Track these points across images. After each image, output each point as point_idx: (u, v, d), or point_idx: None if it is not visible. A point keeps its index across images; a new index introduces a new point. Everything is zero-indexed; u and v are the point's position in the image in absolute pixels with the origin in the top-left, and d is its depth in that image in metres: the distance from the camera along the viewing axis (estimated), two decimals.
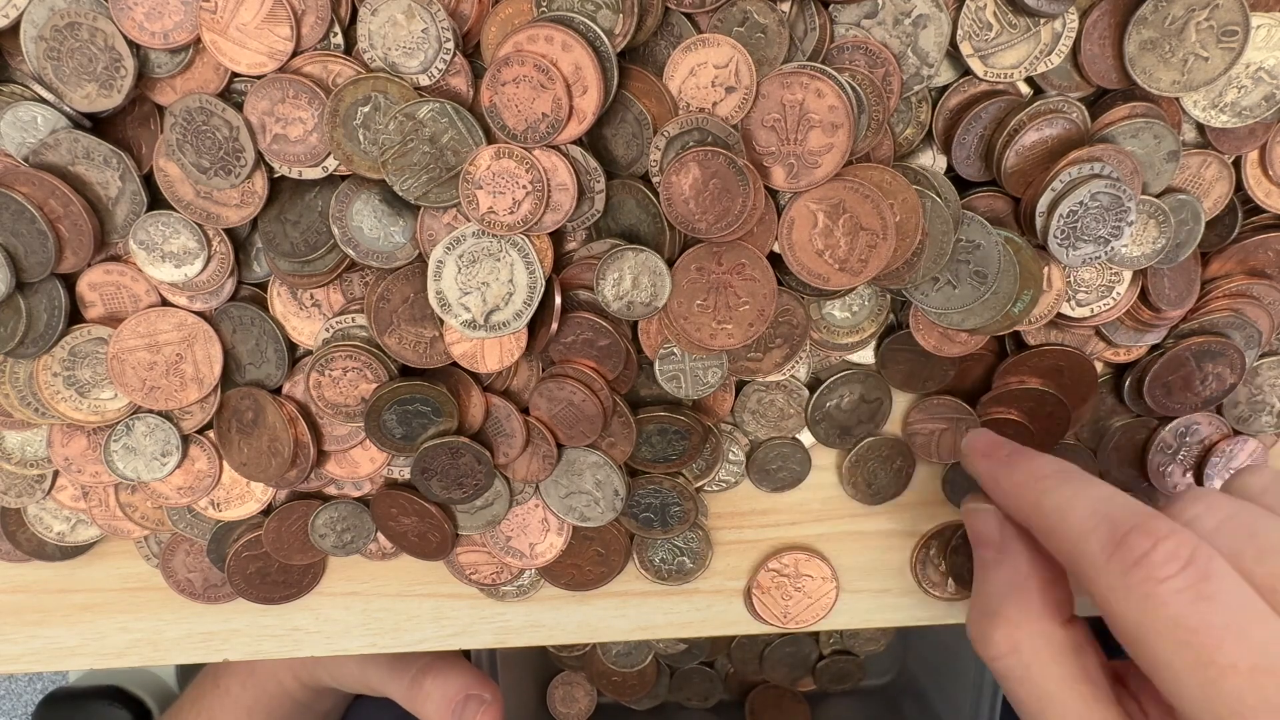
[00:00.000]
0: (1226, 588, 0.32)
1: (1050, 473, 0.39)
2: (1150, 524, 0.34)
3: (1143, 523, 0.34)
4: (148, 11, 0.38)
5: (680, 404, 0.46)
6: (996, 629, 0.39)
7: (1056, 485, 0.38)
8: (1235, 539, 0.34)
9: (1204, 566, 0.32)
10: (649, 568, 0.50)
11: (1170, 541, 0.33)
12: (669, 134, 0.39)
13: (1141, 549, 0.33)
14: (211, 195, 0.41)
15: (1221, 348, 0.44)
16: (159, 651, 0.53)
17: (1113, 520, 0.35)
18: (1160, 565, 0.33)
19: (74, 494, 0.48)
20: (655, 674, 0.86)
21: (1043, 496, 0.38)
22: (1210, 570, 0.32)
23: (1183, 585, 0.32)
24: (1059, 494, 0.38)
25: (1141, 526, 0.34)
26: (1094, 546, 0.35)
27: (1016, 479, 0.40)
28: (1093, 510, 0.36)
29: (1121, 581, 0.34)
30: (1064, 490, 0.38)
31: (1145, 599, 0.33)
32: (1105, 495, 0.36)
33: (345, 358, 0.43)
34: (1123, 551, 0.34)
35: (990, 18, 0.39)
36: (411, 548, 0.49)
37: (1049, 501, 0.38)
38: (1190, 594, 0.32)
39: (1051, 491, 0.38)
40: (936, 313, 0.43)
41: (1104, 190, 0.39)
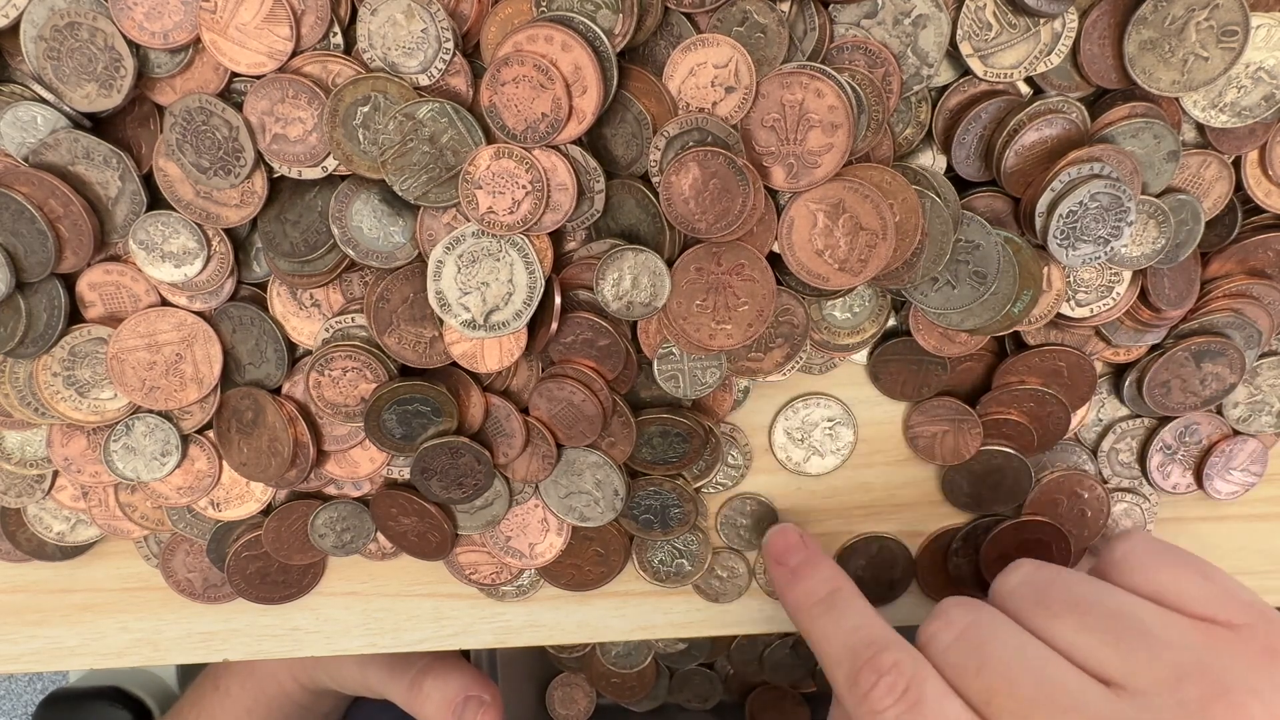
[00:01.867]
0: (932, 711, 0.36)
1: (820, 598, 0.43)
2: (876, 659, 0.38)
3: (872, 658, 0.38)
4: (147, 11, 0.38)
5: (681, 406, 0.46)
6: None
7: (821, 613, 0.43)
8: (962, 654, 0.38)
9: (915, 693, 0.37)
10: (648, 569, 0.50)
11: (890, 675, 0.38)
12: (669, 134, 0.39)
13: (868, 684, 0.38)
14: (211, 195, 0.41)
15: (1221, 348, 0.44)
16: (159, 651, 0.53)
17: (854, 654, 0.39)
18: (880, 699, 0.37)
19: (74, 494, 0.48)
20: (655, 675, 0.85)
21: (811, 624, 0.43)
22: (919, 695, 0.37)
23: (895, 714, 0.37)
24: (822, 623, 0.43)
25: (870, 662, 0.38)
26: (840, 678, 0.40)
27: (793, 598, 0.45)
28: (842, 643, 0.40)
29: (856, 711, 0.38)
30: (826, 620, 0.42)
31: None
32: (854, 626, 0.41)
33: (345, 358, 0.43)
34: (856, 686, 0.38)
35: (990, 17, 0.39)
36: (411, 548, 0.49)
37: (815, 630, 0.43)
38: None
39: (817, 619, 0.43)
40: (936, 313, 0.43)
41: (1104, 190, 0.39)
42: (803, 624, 0.44)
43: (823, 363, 0.46)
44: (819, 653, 0.42)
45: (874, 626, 0.41)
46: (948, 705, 0.36)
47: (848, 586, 0.44)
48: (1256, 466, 0.48)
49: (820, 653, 0.42)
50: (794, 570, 0.46)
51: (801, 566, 0.45)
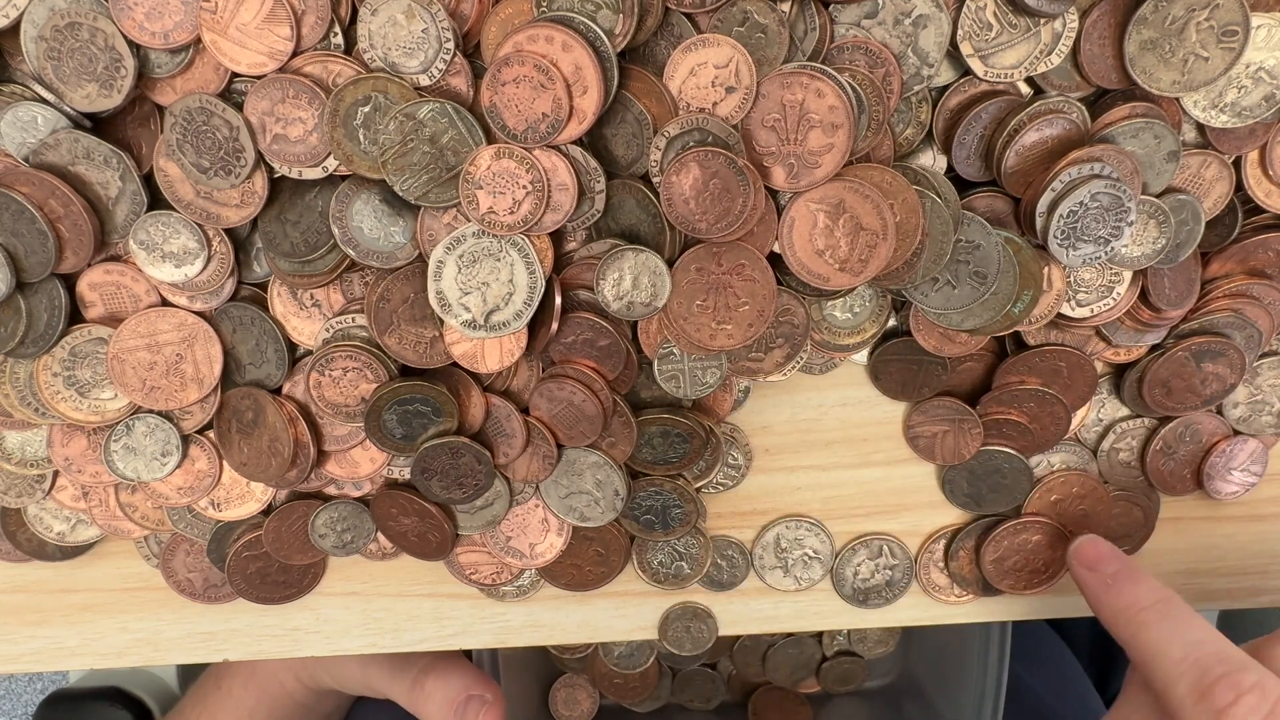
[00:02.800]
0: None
1: (1150, 604, 0.42)
2: (1236, 676, 0.37)
3: (1229, 673, 0.37)
4: (148, 11, 0.38)
5: (681, 406, 0.46)
6: None
7: (1155, 620, 0.41)
8: None
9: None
10: (647, 570, 0.50)
11: (1253, 695, 0.36)
12: (669, 134, 0.39)
13: (1225, 700, 0.36)
14: (211, 195, 0.41)
15: (1221, 348, 0.44)
16: (159, 651, 0.53)
17: (1202, 667, 0.38)
18: (1241, 717, 0.36)
19: (74, 494, 0.48)
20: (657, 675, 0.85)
21: (1140, 630, 0.41)
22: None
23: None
24: (1156, 630, 0.41)
25: (1228, 677, 0.37)
26: (1182, 689, 0.38)
27: (1117, 605, 0.43)
28: (1185, 654, 0.39)
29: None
30: (1161, 628, 0.41)
31: None
32: (1198, 639, 0.40)
33: (345, 358, 0.43)
34: (1209, 700, 0.37)
35: (990, 18, 0.39)
36: (411, 548, 0.49)
37: (1145, 636, 0.41)
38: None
39: (1150, 626, 0.41)
40: (936, 313, 0.43)
41: (1104, 190, 0.39)
42: (1129, 630, 0.42)
43: (823, 363, 0.46)
44: (1147, 661, 0.41)
45: (1223, 642, 0.39)
46: None
47: (1177, 598, 0.42)
48: (1257, 466, 0.48)
49: (1151, 661, 0.40)
50: (1114, 574, 0.44)
51: (1121, 573, 0.44)
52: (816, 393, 0.48)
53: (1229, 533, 0.51)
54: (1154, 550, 0.51)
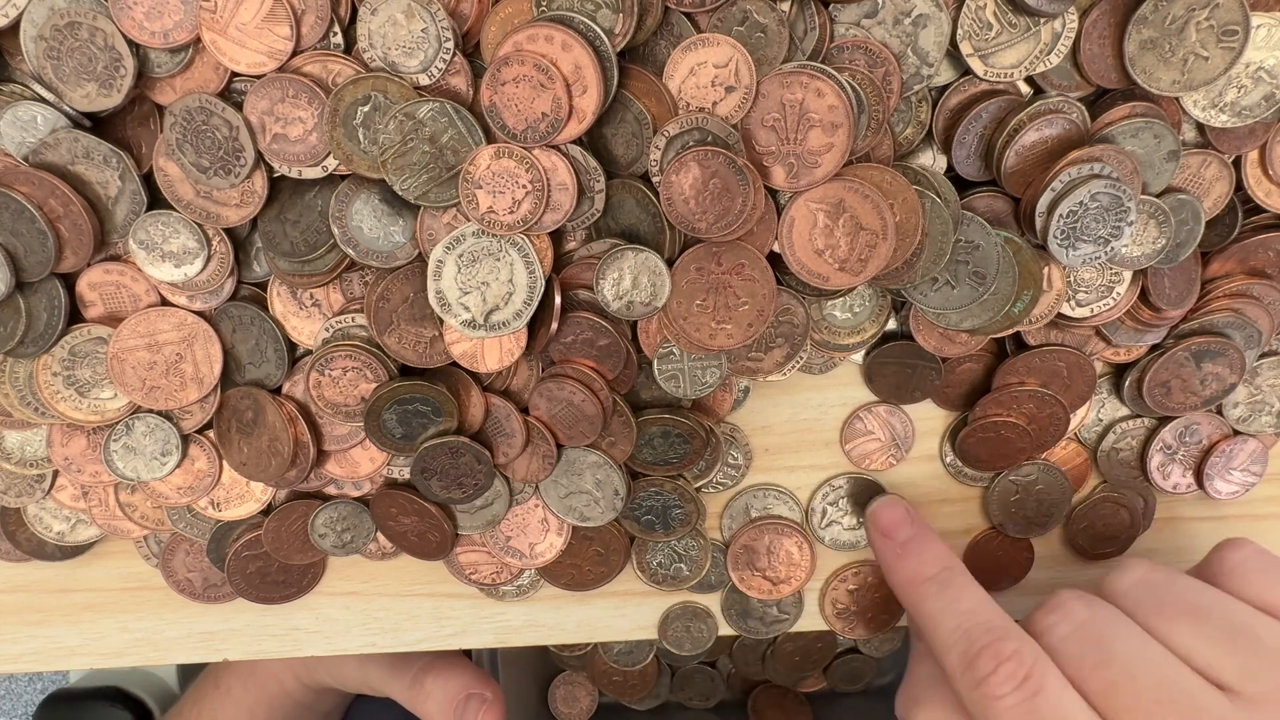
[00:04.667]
0: (1052, 701, 0.37)
1: (931, 575, 0.44)
2: (996, 645, 0.38)
3: (991, 643, 0.39)
4: (147, 11, 0.38)
5: (681, 406, 0.46)
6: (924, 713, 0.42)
7: (934, 593, 0.43)
8: (1081, 646, 0.38)
9: (1035, 682, 0.37)
10: (646, 570, 0.50)
11: (1011, 663, 0.38)
12: (669, 134, 0.39)
13: (986, 669, 0.38)
14: (211, 195, 0.41)
15: (1221, 348, 0.44)
16: (159, 651, 0.53)
17: (970, 637, 0.40)
18: (999, 684, 0.37)
19: (74, 494, 0.48)
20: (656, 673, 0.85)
21: (920, 602, 0.43)
22: (1040, 684, 0.37)
23: (1014, 702, 0.37)
24: (933, 603, 0.43)
25: (990, 648, 0.38)
26: (953, 659, 0.40)
27: (904, 575, 0.45)
28: (956, 625, 0.41)
29: (970, 694, 0.39)
30: (938, 600, 0.42)
31: (986, 710, 0.38)
32: (969, 609, 0.41)
33: (345, 357, 0.43)
34: (972, 670, 0.39)
35: (990, 17, 0.39)
36: (411, 548, 0.49)
37: (925, 608, 0.43)
38: (1021, 709, 0.37)
39: (928, 599, 0.43)
40: (935, 313, 0.43)
41: (1104, 190, 0.39)
42: (911, 601, 0.44)
43: (823, 363, 0.46)
44: (927, 631, 0.42)
45: (990, 611, 0.41)
46: (1067, 697, 0.37)
47: (959, 567, 0.44)
48: (1256, 466, 0.48)
49: (929, 631, 0.42)
50: (903, 545, 0.46)
51: (911, 543, 0.46)
52: (816, 393, 0.48)
53: (1229, 533, 0.51)
54: (1154, 550, 0.51)
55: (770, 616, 0.52)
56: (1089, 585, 0.50)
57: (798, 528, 0.50)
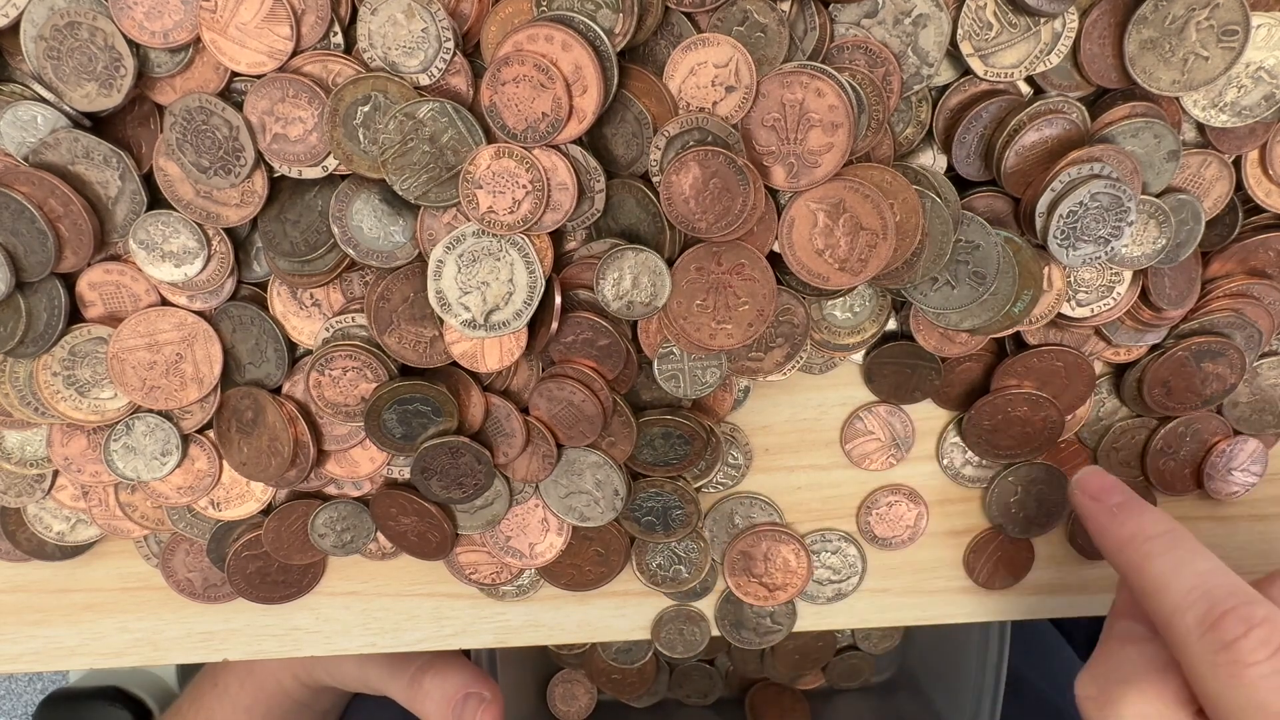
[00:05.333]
0: None
1: (1157, 533, 0.40)
2: (1246, 609, 0.35)
3: (1239, 606, 0.36)
4: (147, 11, 0.38)
5: (682, 406, 0.46)
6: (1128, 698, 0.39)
7: (1163, 550, 0.39)
8: None
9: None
10: (645, 572, 0.50)
11: (1263, 628, 0.35)
12: (669, 133, 0.39)
13: (1235, 633, 0.35)
14: (211, 195, 0.41)
15: (1222, 348, 0.44)
16: (159, 651, 0.53)
17: (1212, 598, 0.36)
18: (1251, 650, 0.35)
19: (74, 494, 0.48)
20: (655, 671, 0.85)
21: (1147, 560, 0.40)
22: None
23: (1269, 671, 0.34)
24: (1164, 560, 0.39)
25: (1237, 611, 0.35)
26: (1189, 620, 0.36)
27: (1123, 534, 0.41)
28: (1194, 584, 0.37)
29: (1211, 658, 0.35)
30: (1169, 557, 0.39)
31: (1232, 679, 0.35)
32: (1207, 569, 0.38)
33: (345, 357, 0.43)
34: (1217, 631, 0.35)
35: (990, 17, 0.39)
36: (411, 547, 0.49)
37: (1152, 567, 0.39)
38: (1276, 679, 0.34)
39: (1157, 556, 0.39)
40: (935, 313, 0.43)
41: (1104, 190, 0.39)
42: (1134, 559, 0.40)
43: (823, 362, 0.46)
44: (1153, 592, 0.39)
45: (1232, 576, 0.38)
46: None
47: (1186, 530, 0.41)
48: (1256, 466, 0.48)
49: (1155, 591, 0.39)
50: (1119, 506, 0.43)
51: (1126, 504, 0.43)
52: (816, 393, 0.48)
53: (1229, 533, 0.51)
54: None
55: (764, 627, 0.52)
56: (1089, 585, 0.50)
57: (796, 536, 0.50)
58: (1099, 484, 0.44)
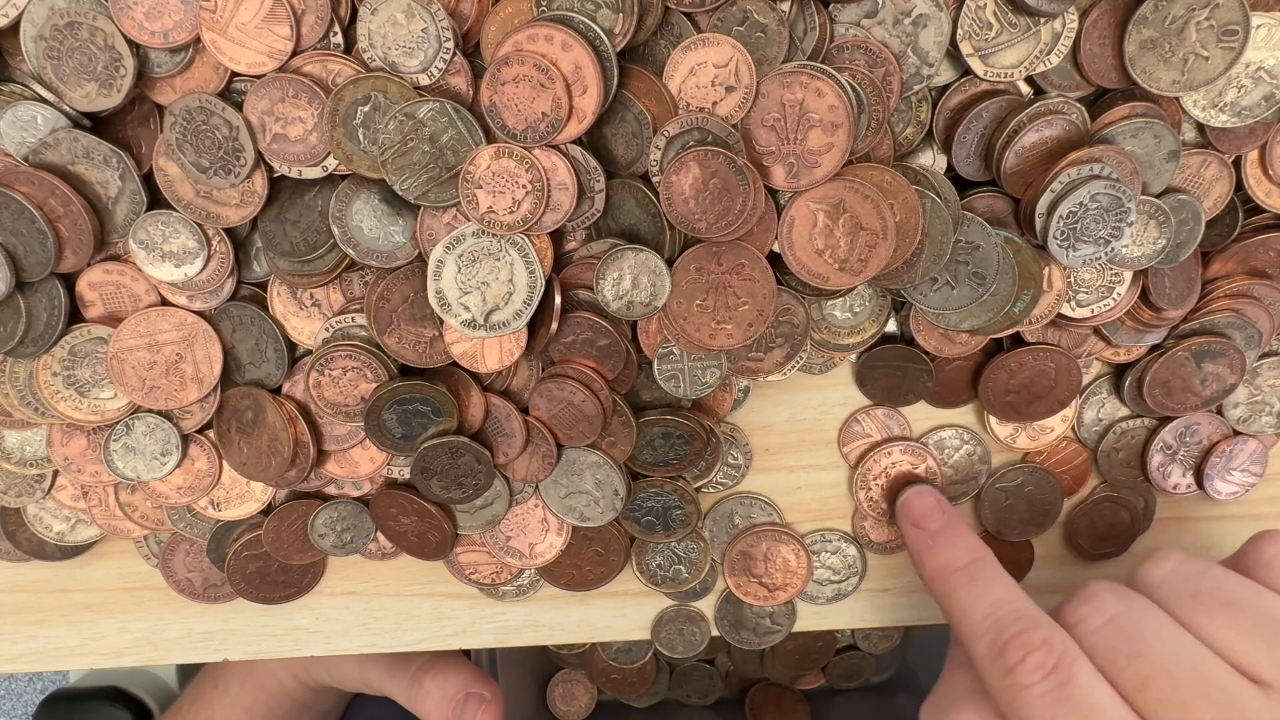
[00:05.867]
0: (1083, 691, 0.36)
1: (961, 566, 0.43)
2: (1025, 635, 0.38)
3: (1021, 632, 0.38)
4: (147, 11, 0.38)
5: (682, 406, 0.46)
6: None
7: (964, 583, 0.43)
8: (1114, 639, 0.38)
9: (1065, 671, 0.37)
10: (645, 572, 0.50)
11: (1040, 652, 0.37)
12: (669, 134, 0.39)
13: (1015, 658, 0.38)
14: (211, 195, 0.41)
15: (1222, 348, 0.44)
16: (159, 651, 0.53)
17: (1000, 626, 0.39)
18: (1028, 673, 0.37)
19: (74, 494, 0.48)
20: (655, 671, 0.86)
21: (950, 592, 0.43)
22: (1070, 674, 0.37)
23: (1043, 690, 0.37)
24: (964, 594, 0.42)
25: (1019, 637, 0.38)
26: (982, 648, 0.40)
27: (933, 565, 0.45)
28: (985, 615, 0.40)
29: (999, 682, 0.38)
30: (969, 591, 0.42)
31: (1016, 700, 0.37)
32: (1000, 600, 0.41)
33: (345, 357, 0.43)
34: (1002, 657, 0.38)
35: (990, 17, 0.39)
36: (411, 548, 0.49)
37: (954, 599, 0.43)
38: (1049, 698, 0.37)
39: (959, 589, 0.43)
40: (935, 313, 0.43)
41: (1104, 191, 0.39)
42: (941, 591, 0.44)
43: (823, 363, 0.46)
44: (956, 622, 0.42)
45: (1021, 601, 0.41)
46: (1097, 688, 0.37)
47: (990, 558, 0.44)
48: (1256, 467, 0.48)
49: (958, 622, 0.42)
50: (933, 535, 0.45)
51: (941, 533, 0.45)
52: (816, 393, 0.48)
53: (1229, 533, 0.51)
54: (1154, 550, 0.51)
55: (763, 628, 0.52)
56: None
57: (796, 536, 0.50)
58: (920, 508, 0.47)
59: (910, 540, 0.47)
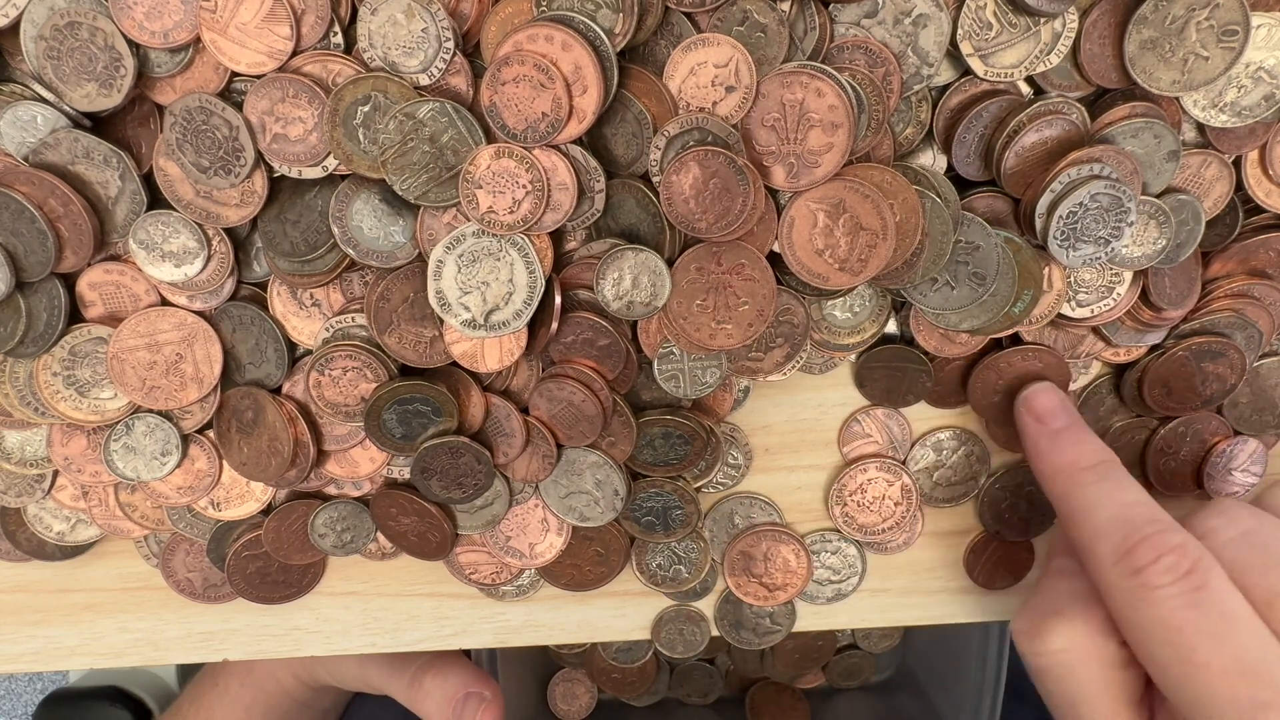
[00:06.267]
0: (1217, 597, 0.36)
1: (1089, 465, 0.42)
2: (1159, 538, 0.37)
3: (1153, 535, 0.37)
4: (147, 11, 0.38)
5: (682, 406, 0.46)
6: (1057, 629, 0.40)
7: (1091, 481, 0.41)
8: (1246, 552, 0.37)
9: (1200, 577, 0.36)
10: (645, 572, 0.50)
11: (1173, 555, 0.36)
12: (669, 133, 0.39)
13: (1145, 559, 0.37)
14: (211, 195, 0.41)
15: (1222, 348, 0.44)
16: (159, 651, 0.53)
17: (1129, 527, 0.38)
18: (1158, 575, 0.36)
19: (74, 494, 0.48)
20: (655, 671, 0.86)
21: (1074, 489, 0.41)
22: (1204, 580, 0.36)
23: (1175, 592, 0.36)
24: (1090, 491, 0.41)
25: (1151, 539, 0.37)
26: (1105, 549, 0.38)
27: (1057, 461, 0.43)
28: (1114, 514, 0.39)
29: (1123, 583, 0.37)
30: (1095, 489, 0.41)
31: (1140, 600, 0.37)
32: (1130, 500, 0.40)
33: (345, 357, 0.43)
34: (1130, 558, 0.37)
35: (990, 17, 0.39)
36: (411, 548, 0.49)
37: (1079, 496, 0.41)
38: (1180, 600, 0.36)
39: (1085, 486, 0.41)
40: (935, 313, 0.43)
41: (1104, 191, 0.39)
42: (1064, 488, 0.42)
43: (823, 362, 0.46)
44: (1077, 521, 0.41)
45: (1154, 506, 0.39)
46: (1230, 596, 0.36)
47: (1118, 462, 0.42)
48: (1256, 467, 0.48)
49: (1079, 521, 0.40)
50: (1058, 432, 0.44)
51: (1067, 429, 0.44)
52: (816, 393, 0.48)
53: None
54: None
55: (763, 628, 0.52)
56: None
57: (796, 536, 0.50)
58: (1045, 404, 0.45)
59: (1030, 435, 0.44)
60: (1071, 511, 0.41)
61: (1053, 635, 0.40)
